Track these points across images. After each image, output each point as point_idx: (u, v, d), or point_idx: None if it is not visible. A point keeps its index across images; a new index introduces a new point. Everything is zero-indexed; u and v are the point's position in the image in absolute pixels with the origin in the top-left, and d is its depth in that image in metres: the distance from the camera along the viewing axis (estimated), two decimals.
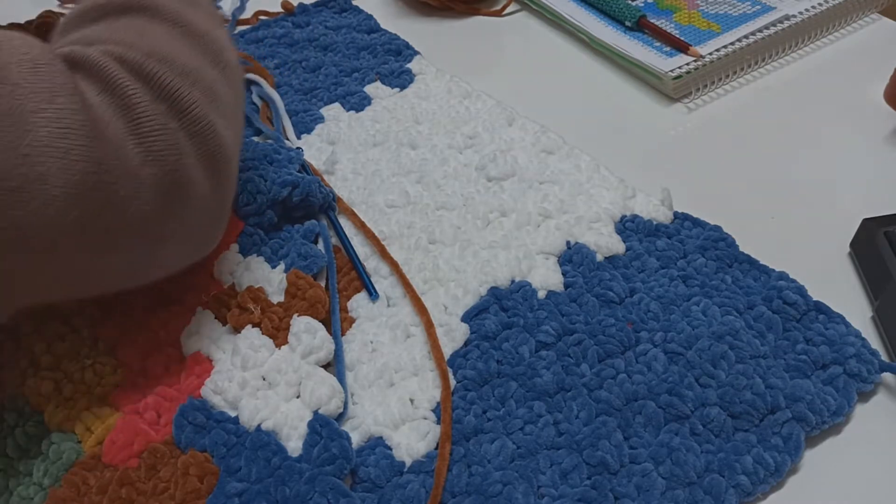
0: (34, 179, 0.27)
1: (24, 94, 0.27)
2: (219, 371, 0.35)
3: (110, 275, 0.32)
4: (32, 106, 0.27)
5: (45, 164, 0.27)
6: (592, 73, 0.55)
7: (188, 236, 0.34)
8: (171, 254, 0.34)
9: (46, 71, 0.28)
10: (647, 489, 0.30)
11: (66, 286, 0.31)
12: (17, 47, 0.28)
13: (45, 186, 0.27)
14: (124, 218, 0.30)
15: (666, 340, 0.35)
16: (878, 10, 0.58)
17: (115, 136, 0.29)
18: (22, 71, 0.27)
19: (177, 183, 0.31)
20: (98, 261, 0.30)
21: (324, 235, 0.41)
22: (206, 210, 0.34)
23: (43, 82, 0.27)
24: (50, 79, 0.28)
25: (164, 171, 0.31)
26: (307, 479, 0.30)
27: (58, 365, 0.36)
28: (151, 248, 0.32)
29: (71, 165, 0.27)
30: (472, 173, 0.45)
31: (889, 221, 0.37)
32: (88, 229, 0.29)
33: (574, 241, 0.40)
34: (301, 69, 0.57)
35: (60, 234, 0.28)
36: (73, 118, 0.28)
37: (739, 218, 0.41)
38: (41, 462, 0.33)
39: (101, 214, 0.29)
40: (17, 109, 0.26)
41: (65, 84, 0.28)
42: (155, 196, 0.30)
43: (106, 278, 0.32)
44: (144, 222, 0.30)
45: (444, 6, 0.63)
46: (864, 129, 0.47)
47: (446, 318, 0.37)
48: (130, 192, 0.29)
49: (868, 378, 0.33)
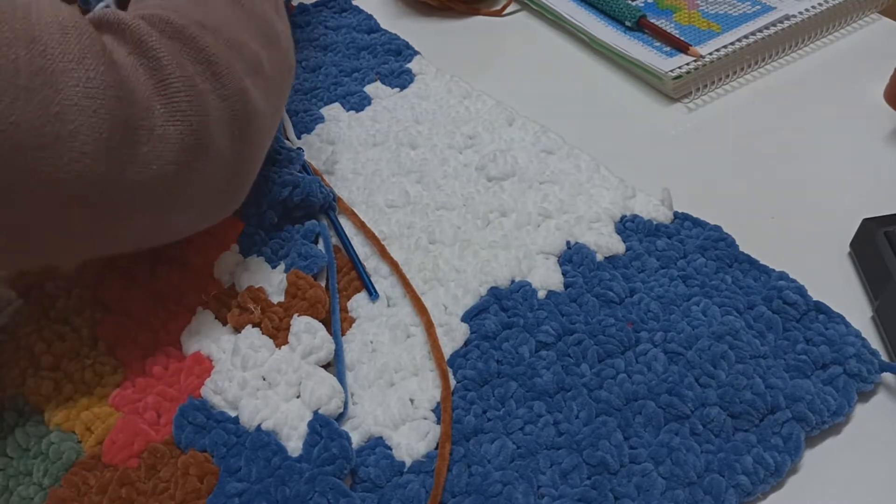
0: (65, 137, 0.28)
1: (54, 55, 0.28)
2: (219, 371, 0.35)
3: (132, 232, 0.33)
4: (62, 66, 0.28)
5: (75, 122, 0.28)
6: (592, 73, 0.55)
7: (208, 196, 0.35)
8: (191, 215, 0.35)
9: (75, 33, 0.29)
10: (647, 489, 0.30)
11: (89, 242, 0.33)
12: (45, 10, 0.29)
13: (75, 143, 0.28)
14: (148, 174, 0.31)
15: (666, 340, 0.35)
16: (878, 10, 0.58)
17: (142, 95, 0.30)
18: (52, 33, 0.28)
19: (200, 142, 0.32)
20: (122, 218, 0.32)
21: (324, 235, 0.41)
22: (228, 172, 0.35)
23: (71, 44, 0.28)
24: (78, 40, 0.29)
25: (189, 131, 0.32)
26: (307, 479, 0.30)
27: (58, 365, 0.36)
28: (172, 206, 0.33)
29: (99, 123, 0.29)
30: (472, 173, 0.45)
31: (889, 221, 0.37)
32: (114, 185, 0.30)
33: (574, 241, 0.40)
34: (301, 69, 0.57)
35: (88, 188, 0.29)
36: (100, 79, 0.29)
37: (739, 218, 0.41)
38: (41, 462, 0.33)
39: (127, 171, 0.30)
40: (49, 69, 0.27)
41: (92, 45, 0.29)
42: (178, 154, 0.31)
43: (128, 236, 0.34)
44: (167, 179, 0.31)
45: (444, 6, 0.63)
46: (864, 129, 0.47)
47: (446, 318, 0.37)
48: (155, 149, 0.31)
49: (868, 378, 0.33)
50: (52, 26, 0.28)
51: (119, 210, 0.31)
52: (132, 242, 0.35)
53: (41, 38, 0.28)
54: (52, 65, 0.28)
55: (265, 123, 0.37)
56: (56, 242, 0.31)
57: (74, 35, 0.29)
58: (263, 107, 0.36)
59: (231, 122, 0.34)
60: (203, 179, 0.33)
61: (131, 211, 0.31)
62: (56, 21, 0.29)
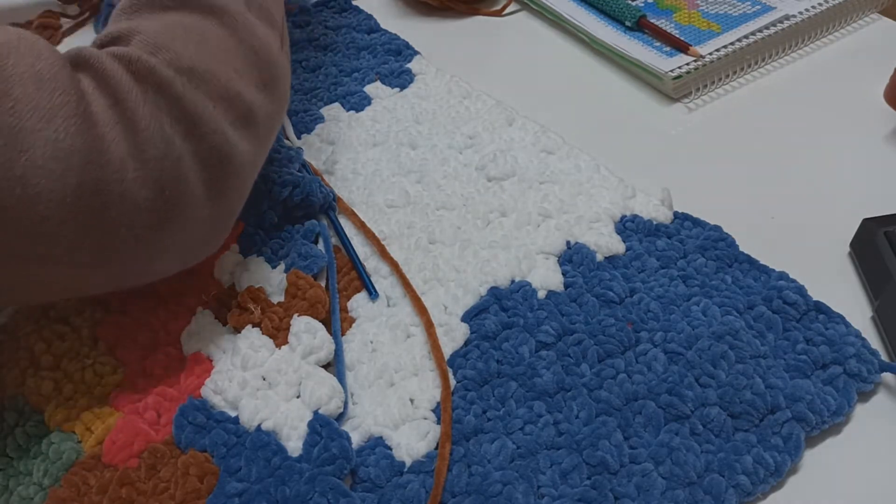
0: (28, 200, 0.26)
1: (23, 111, 0.26)
2: (219, 371, 0.35)
3: (101, 283, 0.32)
4: (31, 125, 0.26)
5: (39, 186, 0.26)
6: (592, 73, 0.55)
7: (184, 248, 0.34)
8: (165, 264, 0.34)
9: (49, 87, 0.27)
10: (647, 489, 0.30)
11: (57, 291, 0.32)
12: (24, 58, 0.27)
13: (38, 207, 0.27)
14: (116, 237, 0.30)
15: (666, 340, 0.35)
16: (878, 10, 0.58)
17: (116, 157, 0.29)
18: (25, 85, 0.27)
19: (174, 206, 0.31)
20: (89, 273, 0.31)
21: (324, 236, 0.41)
22: (203, 229, 0.34)
23: (43, 99, 0.27)
24: (51, 96, 0.27)
25: (162, 197, 0.30)
26: (307, 479, 0.30)
27: (58, 365, 0.36)
28: (143, 262, 0.32)
29: (65, 187, 0.27)
30: (472, 173, 0.45)
31: (889, 221, 0.37)
32: (79, 247, 0.29)
33: (574, 240, 0.40)
34: (301, 69, 0.57)
35: (51, 249, 0.28)
36: (70, 140, 0.27)
37: (739, 218, 0.41)
38: (41, 462, 0.33)
39: (92, 234, 0.29)
40: (16, 128, 0.26)
41: (66, 103, 0.27)
42: (149, 219, 0.30)
43: (97, 285, 0.33)
44: (136, 242, 0.30)
45: (444, 6, 0.63)
46: (864, 129, 0.47)
47: (446, 318, 0.37)
48: (124, 214, 0.29)
49: (868, 378, 0.33)
50: (26, 77, 0.27)
51: (86, 267, 0.30)
52: (107, 287, 0.34)
53: (12, 93, 0.26)
54: (19, 123, 0.26)
55: (248, 173, 0.35)
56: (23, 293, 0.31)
57: (48, 90, 0.27)
58: (250, 157, 0.34)
59: (210, 182, 0.32)
60: (176, 236, 0.32)
61: (98, 268, 0.31)
62: (31, 72, 0.27)
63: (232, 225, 0.36)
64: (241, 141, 0.33)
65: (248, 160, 0.34)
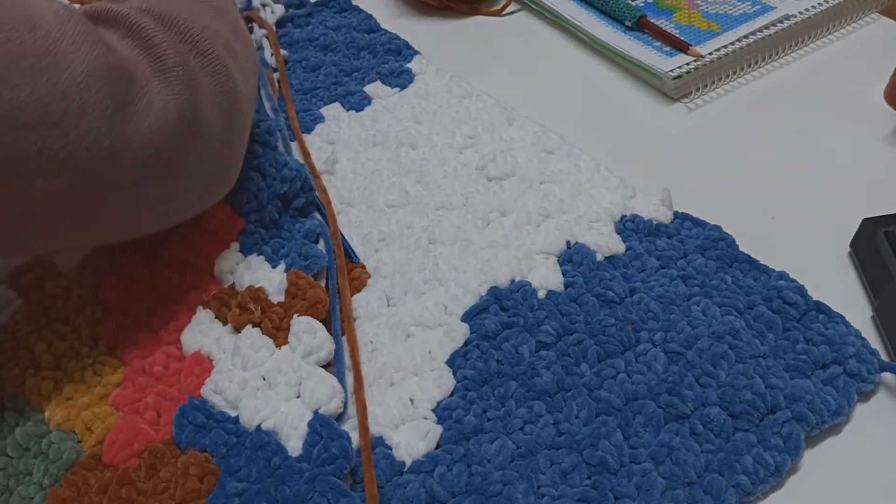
0: (72, 114, 0.29)
1: (56, 38, 0.29)
2: (219, 371, 0.35)
3: (134, 213, 0.34)
4: (64, 48, 0.29)
5: (81, 100, 0.29)
6: (592, 73, 0.55)
7: (202, 176, 0.36)
8: (187, 194, 0.36)
9: (70, 21, 0.30)
10: (647, 489, 0.30)
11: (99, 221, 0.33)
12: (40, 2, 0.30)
13: (82, 119, 0.29)
14: (150, 148, 0.32)
15: (666, 340, 0.35)
16: (878, 10, 0.58)
17: (141, 73, 0.32)
18: (50, 20, 0.29)
19: (196, 116, 0.34)
20: (126, 194, 0.32)
21: (325, 236, 0.41)
22: (220, 149, 0.37)
23: (69, 30, 0.30)
24: (75, 27, 0.30)
25: (186, 105, 0.33)
26: (307, 478, 0.30)
27: (58, 365, 0.36)
28: (170, 183, 0.34)
29: (103, 100, 0.30)
30: (472, 173, 0.45)
31: (889, 221, 0.37)
32: (119, 160, 0.31)
33: (574, 240, 0.40)
34: (301, 69, 0.57)
35: (94, 163, 0.30)
36: (100, 59, 0.30)
37: (739, 218, 0.41)
38: (41, 462, 0.33)
39: (130, 145, 0.31)
40: (53, 51, 0.29)
41: (89, 32, 0.30)
42: (177, 128, 0.33)
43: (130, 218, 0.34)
44: (167, 153, 0.33)
45: (444, 6, 0.63)
46: (864, 129, 0.47)
47: (446, 318, 0.37)
48: (155, 124, 0.32)
49: (868, 378, 0.33)
50: (49, 15, 0.30)
51: (126, 183, 0.32)
52: (141, 223, 0.35)
53: (42, 24, 0.29)
54: (55, 47, 0.29)
55: (247, 106, 0.39)
56: (67, 222, 0.32)
57: (71, 23, 0.30)
58: (243, 88, 0.38)
59: (219, 96, 0.36)
60: (200, 150, 0.35)
61: (137, 183, 0.33)
62: (51, 10, 0.30)
63: (240, 165, 0.40)
64: (234, 69, 0.37)
65: (244, 91, 0.38)
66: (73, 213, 0.31)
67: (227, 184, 0.39)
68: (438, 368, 0.35)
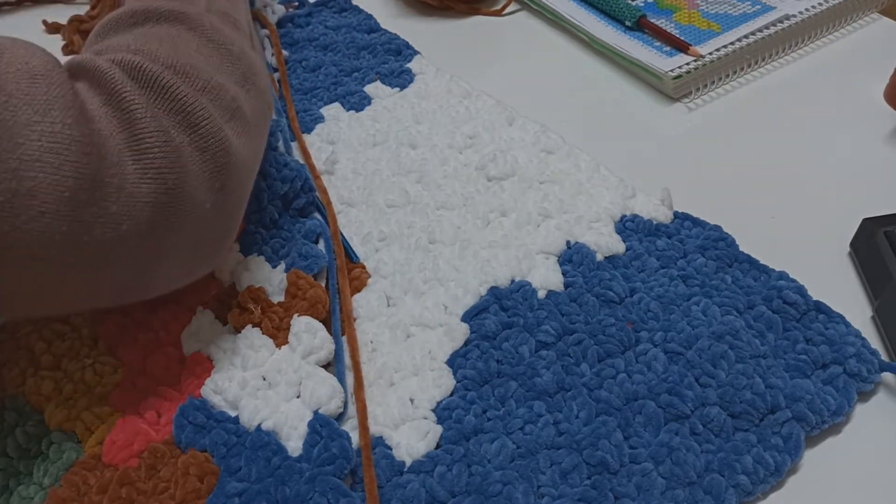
0: (23, 194, 0.26)
1: (18, 105, 0.26)
2: (219, 371, 0.35)
3: (105, 290, 0.31)
4: (25, 118, 0.26)
5: (35, 179, 0.26)
6: (592, 73, 0.55)
7: (188, 252, 0.33)
8: (170, 270, 0.33)
9: (44, 82, 0.27)
10: (647, 489, 0.30)
11: (59, 300, 0.31)
12: (17, 56, 0.28)
13: (34, 202, 0.26)
14: (117, 234, 0.29)
15: (666, 340, 0.35)
16: (878, 9, 0.58)
17: (113, 150, 0.28)
18: (19, 81, 0.27)
19: (176, 200, 0.30)
20: (91, 276, 0.30)
21: (325, 236, 0.41)
22: (208, 227, 0.33)
23: (38, 94, 0.27)
24: (46, 90, 0.27)
25: (163, 189, 0.30)
26: (307, 478, 0.30)
27: (58, 365, 0.36)
28: (147, 264, 0.31)
29: (62, 181, 0.27)
30: (472, 173, 0.45)
31: (889, 221, 0.37)
32: (79, 245, 0.28)
33: (574, 240, 0.40)
34: (301, 69, 0.57)
35: (49, 248, 0.27)
36: (66, 132, 0.27)
37: (739, 218, 0.41)
38: (41, 462, 0.33)
39: (93, 230, 0.28)
40: (10, 121, 0.26)
41: (61, 96, 0.27)
42: (152, 213, 0.30)
43: (101, 294, 0.32)
44: (139, 239, 0.30)
45: (444, 6, 0.63)
46: (864, 129, 0.47)
47: (446, 318, 0.37)
48: (125, 208, 0.29)
49: (868, 378, 0.33)
50: (21, 74, 0.27)
51: (88, 268, 0.29)
52: (109, 299, 0.32)
53: (6, 88, 0.26)
54: (13, 116, 0.26)
55: (246, 170, 0.35)
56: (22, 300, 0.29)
57: (43, 84, 0.27)
58: (244, 153, 0.34)
59: (211, 175, 0.32)
60: (181, 235, 0.31)
61: (100, 270, 0.30)
62: (26, 69, 0.27)
63: (236, 230, 0.36)
64: (233, 134, 0.33)
65: (243, 156, 0.34)
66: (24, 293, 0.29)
67: (220, 252, 0.36)
68: (438, 368, 0.35)
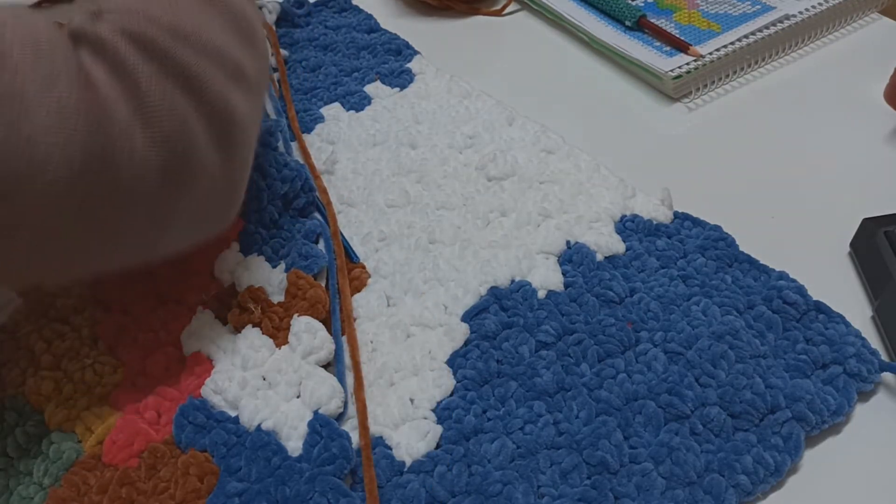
0: (37, 164, 0.26)
1: (25, 78, 0.26)
2: (219, 371, 0.35)
3: (116, 254, 0.32)
4: (33, 90, 0.27)
5: (48, 148, 0.27)
6: (592, 73, 0.55)
7: (198, 215, 0.34)
8: (182, 231, 0.34)
9: (48, 55, 0.27)
10: (647, 489, 0.30)
11: (72, 265, 0.31)
12: (20, 27, 0.28)
13: (48, 171, 0.27)
14: (130, 199, 0.29)
15: (666, 340, 0.35)
16: (878, 9, 0.58)
17: (121, 118, 0.29)
18: (24, 54, 0.27)
19: (185, 165, 0.31)
20: (105, 240, 0.30)
21: (325, 236, 0.41)
22: (218, 189, 0.34)
23: (44, 66, 0.27)
24: (51, 62, 0.27)
25: (172, 154, 0.30)
26: (307, 478, 0.30)
27: (58, 365, 0.36)
28: (160, 227, 0.32)
29: (73, 150, 0.27)
30: (472, 173, 0.45)
31: (889, 221, 0.37)
32: (93, 212, 0.29)
33: (574, 240, 0.40)
34: (301, 69, 0.57)
35: (63, 215, 0.28)
36: (74, 103, 0.27)
37: (739, 218, 0.41)
38: (41, 462, 0.33)
39: (106, 197, 0.29)
40: (20, 93, 0.26)
41: (67, 69, 0.28)
42: (162, 178, 0.30)
43: (115, 255, 0.32)
44: (151, 203, 0.30)
45: (444, 6, 0.63)
46: (864, 129, 0.47)
47: (446, 318, 0.37)
48: (136, 174, 0.29)
49: (868, 378, 0.33)
50: (26, 47, 0.27)
51: (102, 232, 0.30)
52: (124, 259, 0.33)
53: (12, 61, 0.26)
54: (23, 88, 0.26)
55: (250, 130, 0.35)
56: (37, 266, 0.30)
57: (48, 56, 0.27)
58: (248, 113, 0.35)
59: (217, 137, 0.32)
60: (193, 197, 0.32)
61: (115, 233, 0.30)
62: (30, 41, 0.27)
63: (243, 193, 0.36)
64: (236, 96, 0.34)
65: (247, 116, 0.34)
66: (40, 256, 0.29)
67: (226, 220, 0.36)
68: (438, 368, 0.35)
